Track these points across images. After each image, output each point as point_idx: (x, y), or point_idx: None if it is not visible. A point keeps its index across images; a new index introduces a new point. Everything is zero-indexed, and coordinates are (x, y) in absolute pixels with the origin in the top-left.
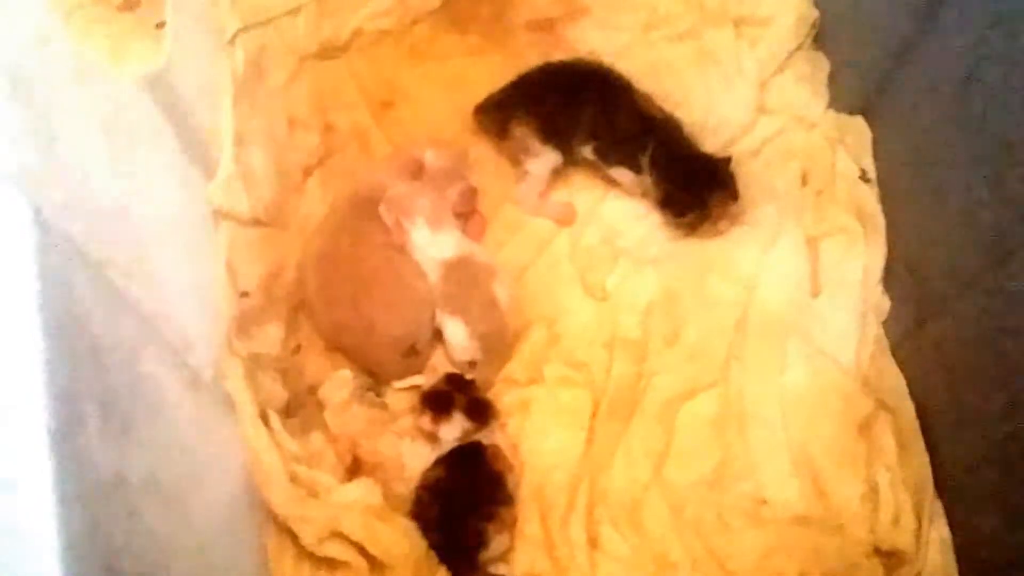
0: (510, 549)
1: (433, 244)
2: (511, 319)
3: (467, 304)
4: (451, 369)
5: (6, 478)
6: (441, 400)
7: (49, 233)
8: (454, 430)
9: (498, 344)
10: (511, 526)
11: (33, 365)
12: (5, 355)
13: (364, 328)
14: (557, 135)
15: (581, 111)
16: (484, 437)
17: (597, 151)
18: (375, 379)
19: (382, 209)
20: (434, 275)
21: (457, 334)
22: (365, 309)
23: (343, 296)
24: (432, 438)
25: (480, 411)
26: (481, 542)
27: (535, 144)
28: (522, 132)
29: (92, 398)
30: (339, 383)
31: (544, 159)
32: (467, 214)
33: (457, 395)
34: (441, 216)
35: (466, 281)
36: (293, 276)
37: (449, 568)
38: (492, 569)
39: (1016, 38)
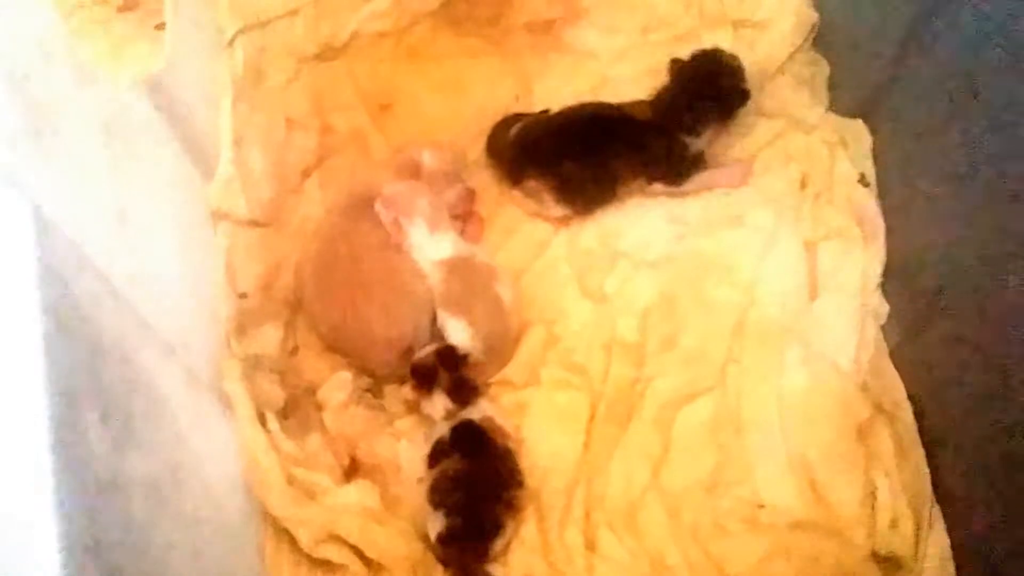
0: (511, 540)
1: (431, 244)
2: (513, 319)
3: (470, 304)
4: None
5: (6, 478)
6: (426, 375)
7: (49, 234)
8: (436, 407)
9: (500, 344)
10: (520, 511)
11: (33, 365)
12: (5, 356)
13: (362, 330)
14: (588, 197)
15: (615, 164)
16: (475, 412)
17: (649, 180)
18: (373, 380)
19: (378, 207)
20: (433, 276)
21: (460, 335)
22: (363, 311)
23: (341, 298)
24: (418, 410)
25: (462, 391)
26: (497, 529)
27: (548, 200)
28: (537, 187)
29: (91, 398)
30: (338, 384)
31: (554, 211)
32: (465, 216)
33: (442, 373)
34: (439, 217)
35: (468, 281)
36: (291, 277)
37: (460, 556)
38: (490, 569)
39: (1015, 41)
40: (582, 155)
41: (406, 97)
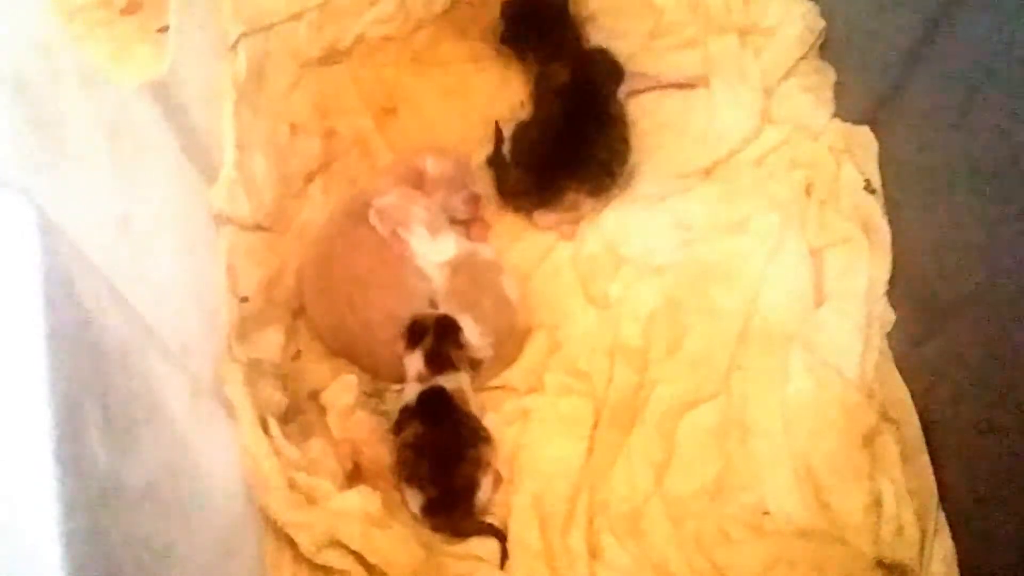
0: (495, 490)
1: (433, 248)
2: (520, 314)
3: (478, 301)
4: None
5: (8, 482)
6: (417, 331)
7: (53, 237)
8: (411, 365)
9: (508, 340)
10: (492, 464)
11: (36, 369)
12: (8, 359)
13: (362, 330)
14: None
15: (612, 121)
16: (447, 382)
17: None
18: (376, 380)
19: (373, 220)
20: (437, 278)
21: (468, 332)
22: (363, 312)
23: (341, 299)
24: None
25: (436, 359)
26: (473, 487)
27: (586, 201)
28: (576, 199)
29: (94, 402)
30: (344, 387)
31: (588, 208)
32: (470, 221)
33: (427, 337)
34: (437, 220)
35: (474, 278)
36: (293, 281)
37: (448, 522)
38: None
39: (1021, 49)
40: (593, 142)
41: (410, 102)
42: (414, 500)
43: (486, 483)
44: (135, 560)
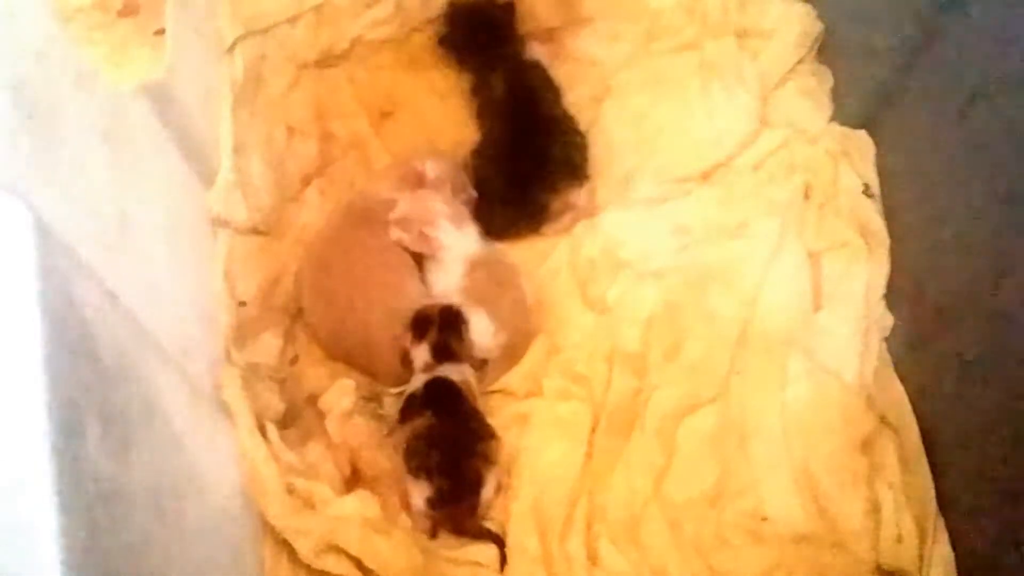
0: (499, 488)
1: (461, 240)
2: (535, 316)
3: (496, 298)
4: None
5: (7, 486)
6: (422, 323)
7: (49, 241)
8: (420, 356)
9: (521, 340)
10: (497, 462)
11: (34, 373)
12: (6, 363)
13: (361, 333)
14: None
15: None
16: (453, 373)
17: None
18: (375, 384)
19: (396, 235)
20: (454, 272)
21: (481, 326)
22: (362, 314)
23: (339, 301)
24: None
25: (443, 351)
26: (479, 481)
27: (574, 192)
28: (564, 202)
29: (92, 407)
30: (342, 391)
31: (584, 199)
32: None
33: (432, 329)
34: (459, 212)
35: (494, 276)
36: (291, 285)
37: (453, 516)
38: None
39: (1020, 54)
40: (547, 146)
41: (407, 105)
42: (420, 492)
43: (491, 479)
44: (133, 565)
